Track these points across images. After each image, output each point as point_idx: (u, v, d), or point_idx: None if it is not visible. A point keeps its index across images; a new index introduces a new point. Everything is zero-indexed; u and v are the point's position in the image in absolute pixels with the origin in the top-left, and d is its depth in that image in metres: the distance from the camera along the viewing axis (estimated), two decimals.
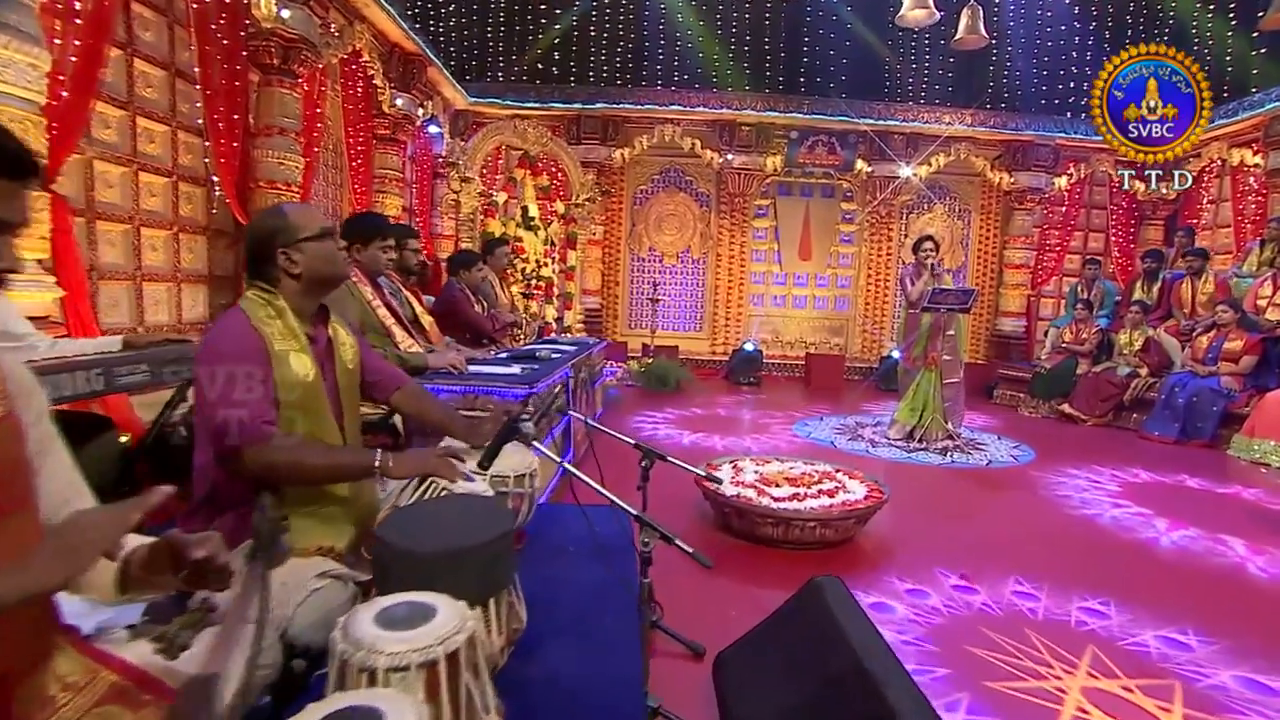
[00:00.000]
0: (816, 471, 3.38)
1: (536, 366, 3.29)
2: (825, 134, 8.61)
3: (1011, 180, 8.87)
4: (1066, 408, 6.71)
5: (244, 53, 4.80)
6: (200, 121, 4.56)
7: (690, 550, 1.51)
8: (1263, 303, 6.18)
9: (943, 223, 9.37)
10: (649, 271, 9.34)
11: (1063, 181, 8.91)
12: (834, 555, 2.92)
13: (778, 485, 3.13)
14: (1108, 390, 6.52)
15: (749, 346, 8.19)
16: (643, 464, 2.09)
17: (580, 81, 9.04)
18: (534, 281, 6.80)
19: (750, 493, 3.03)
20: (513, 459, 2.12)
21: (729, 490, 3.05)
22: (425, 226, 8.40)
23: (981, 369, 8.56)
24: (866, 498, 3.04)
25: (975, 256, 9.49)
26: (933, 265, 5.30)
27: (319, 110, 5.78)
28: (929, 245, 5.35)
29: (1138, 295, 7.21)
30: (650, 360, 7.66)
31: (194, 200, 4.76)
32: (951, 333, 5.28)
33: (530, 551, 2.11)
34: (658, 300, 8.45)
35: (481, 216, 7.15)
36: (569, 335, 7.66)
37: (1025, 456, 5.09)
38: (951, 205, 9.43)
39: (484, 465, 1.80)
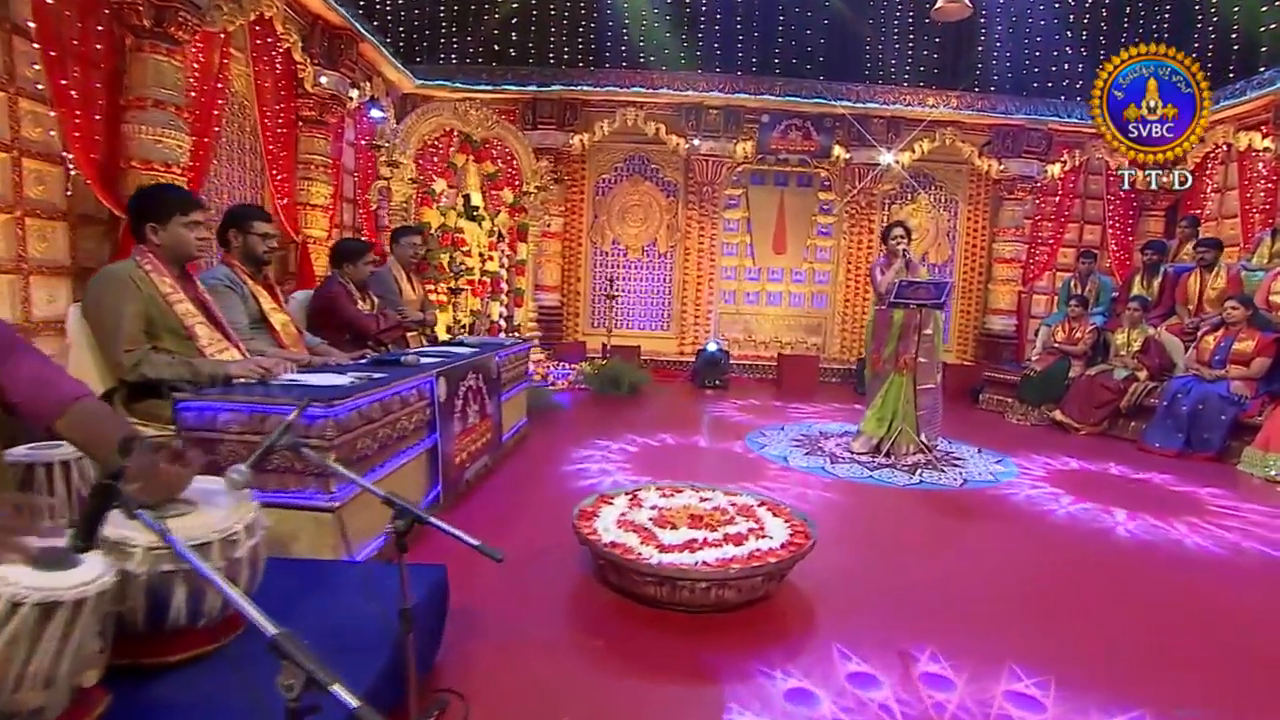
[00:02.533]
0: (733, 506, 2.69)
1: (380, 376, 2.61)
2: (799, 117, 7.89)
3: (1001, 168, 8.14)
4: (1058, 414, 5.99)
5: (106, 10, 4.13)
6: (41, 87, 3.89)
7: (356, 704, 0.84)
8: (1276, 298, 5.46)
9: (927, 213, 8.64)
10: (612, 266, 8.64)
11: (1056, 169, 8.18)
12: (735, 621, 2.22)
13: (674, 527, 2.44)
14: (1103, 395, 5.80)
15: (712, 347, 7.49)
16: (394, 527, 1.40)
17: (538, 63, 8.34)
18: (465, 276, 6.10)
19: (632, 538, 2.33)
20: (213, 516, 1.46)
21: (605, 537, 2.36)
22: (369, 217, 7.74)
23: (969, 370, 7.86)
24: (785, 545, 2.35)
25: (963, 250, 8.76)
26: (905, 253, 4.61)
27: (219, 85, 5.11)
28: (899, 231, 4.67)
29: (1137, 290, 6.48)
30: (604, 361, 6.97)
31: (47, 181, 4.07)
32: (929, 331, 4.59)
33: (238, 652, 1.43)
34: (615, 296, 7.75)
35: (417, 205, 6.45)
36: (516, 335, 7.00)
37: (1006, 474, 4.38)
38: (937, 195, 8.70)
39: (79, 544, 1.13)
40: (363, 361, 3.13)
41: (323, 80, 6.15)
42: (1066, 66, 8.54)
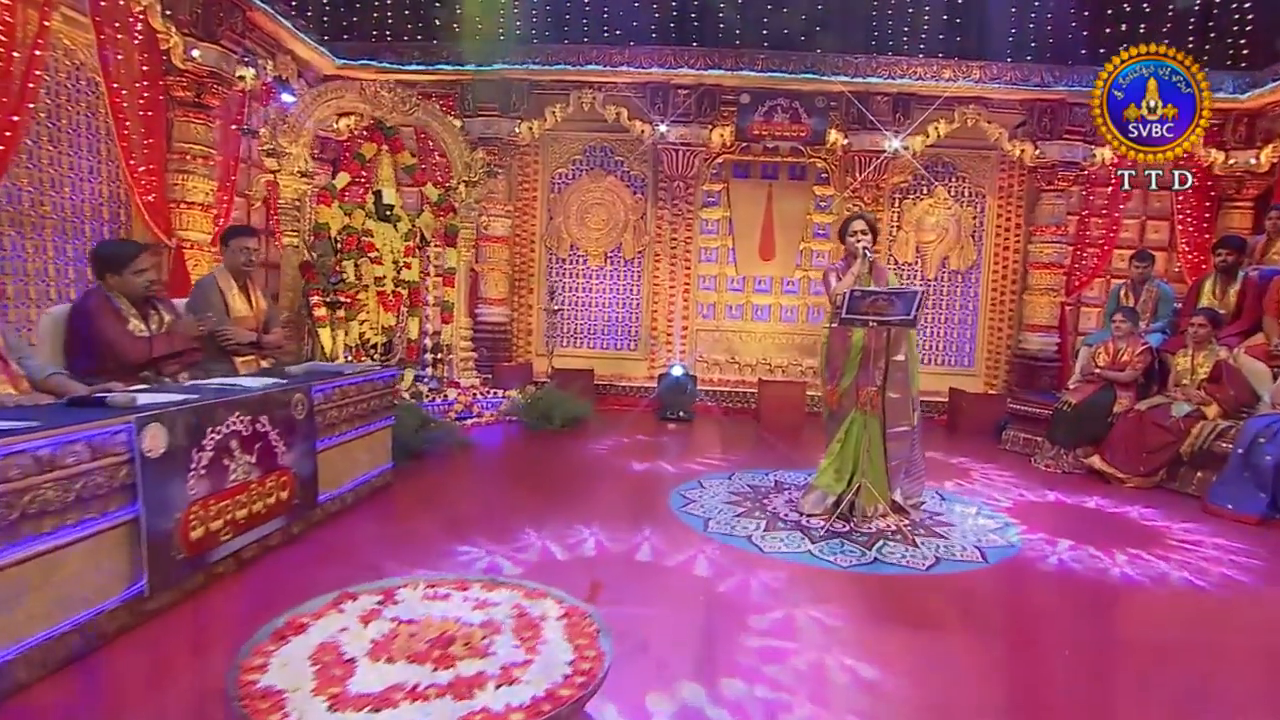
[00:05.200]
0: (513, 619, 1.96)
1: (10, 426, 1.99)
2: (786, 96, 7.19)
3: (1037, 153, 7.28)
4: (1096, 461, 5.09)
5: None
6: None
7: None
8: None
9: (947, 210, 7.81)
10: (569, 275, 8.01)
11: (1107, 153, 7.27)
12: None
13: (390, 660, 1.73)
14: (1157, 438, 4.88)
15: (677, 371, 6.76)
16: None
17: (483, 38, 7.80)
18: (346, 287, 5.53)
19: (304, 682, 1.62)
20: None
21: (265, 678, 1.66)
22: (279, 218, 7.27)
23: (998, 401, 6.97)
24: (535, 703, 1.60)
25: (991, 254, 7.88)
26: (866, 254, 3.88)
27: (38, 53, 4.63)
28: (860, 226, 3.99)
29: (1206, 300, 5.57)
30: (536, 390, 6.30)
31: None
32: (900, 357, 3.83)
33: None
34: (557, 311, 7.08)
35: (314, 203, 5.92)
36: (442, 356, 6.40)
37: (1005, 548, 3.54)
38: (958, 187, 7.86)
39: None
40: (58, 402, 2.51)
41: (195, 54, 5.68)
42: (1124, 27, 7.67)
